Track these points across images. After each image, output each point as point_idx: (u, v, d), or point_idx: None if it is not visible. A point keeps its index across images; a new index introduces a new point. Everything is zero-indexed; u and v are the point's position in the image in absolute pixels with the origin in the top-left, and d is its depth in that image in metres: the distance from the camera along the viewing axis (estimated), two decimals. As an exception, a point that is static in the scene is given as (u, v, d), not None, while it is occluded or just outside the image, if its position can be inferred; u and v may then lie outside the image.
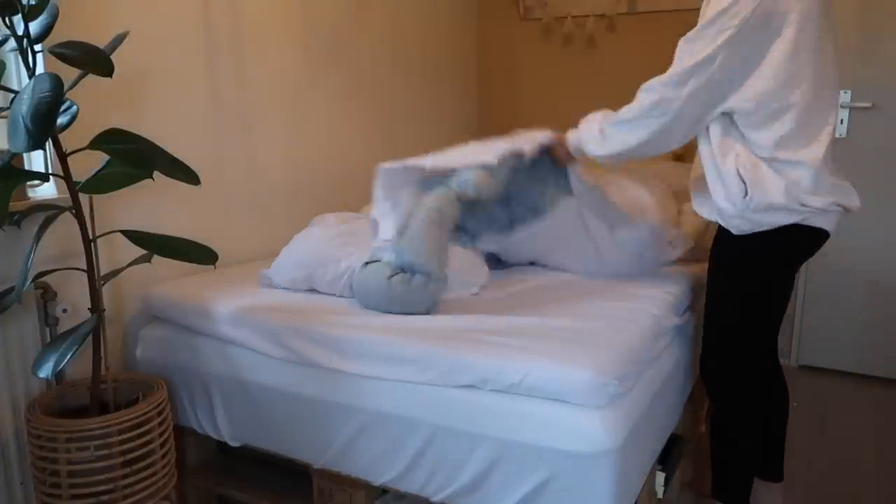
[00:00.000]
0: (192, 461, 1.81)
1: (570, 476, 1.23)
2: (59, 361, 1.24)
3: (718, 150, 1.47)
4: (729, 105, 1.43)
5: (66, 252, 1.65)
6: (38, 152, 1.60)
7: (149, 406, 1.41)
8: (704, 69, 1.39)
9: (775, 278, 1.55)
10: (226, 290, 1.74)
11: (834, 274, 2.86)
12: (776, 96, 1.39)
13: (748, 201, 1.43)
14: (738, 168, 1.44)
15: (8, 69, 1.52)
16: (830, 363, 2.93)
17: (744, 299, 1.55)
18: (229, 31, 2.05)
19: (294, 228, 2.34)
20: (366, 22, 2.64)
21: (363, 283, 1.62)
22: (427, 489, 1.40)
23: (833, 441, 2.30)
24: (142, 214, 1.84)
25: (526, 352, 1.31)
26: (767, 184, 1.42)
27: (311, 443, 1.53)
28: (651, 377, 1.46)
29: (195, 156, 1.98)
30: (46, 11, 1.29)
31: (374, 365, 1.42)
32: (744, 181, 1.43)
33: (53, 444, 1.32)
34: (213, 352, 1.64)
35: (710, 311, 1.63)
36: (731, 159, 1.45)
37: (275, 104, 2.25)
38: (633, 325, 1.47)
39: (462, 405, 1.33)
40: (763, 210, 1.44)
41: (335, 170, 2.55)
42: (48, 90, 1.11)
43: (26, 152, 1.18)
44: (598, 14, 3.14)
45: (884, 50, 2.64)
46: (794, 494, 1.97)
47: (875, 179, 2.73)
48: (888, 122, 2.68)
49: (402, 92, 2.91)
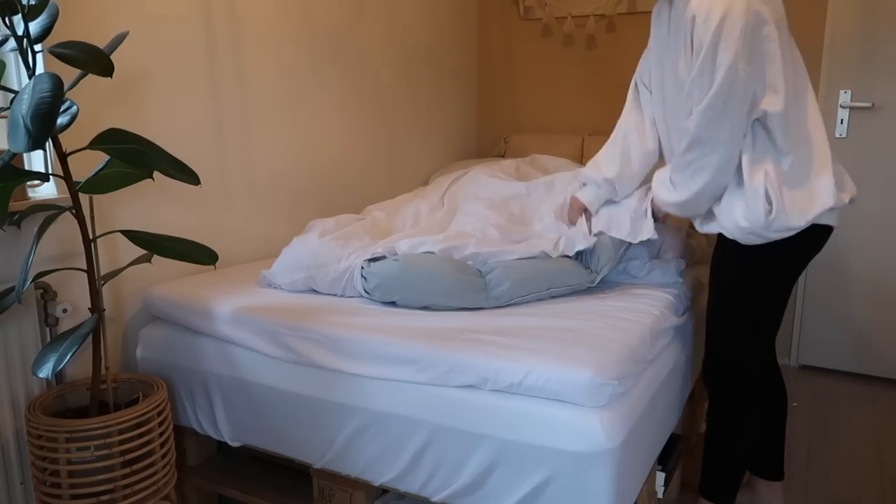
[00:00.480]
0: (192, 461, 1.81)
1: (569, 476, 1.24)
2: (59, 361, 1.24)
3: (748, 165, 1.44)
4: (761, 108, 1.41)
5: (66, 252, 1.65)
6: (38, 152, 1.60)
7: (149, 406, 1.41)
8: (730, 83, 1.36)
9: (781, 280, 1.54)
10: (226, 290, 1.74)
11: (834, 274, 2.86)
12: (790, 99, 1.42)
13: (770, 222, 1.42)
14: (768, 187, 1.42)
15: (8, 69, 1.52)
16: (830, 363, 2.93)
17: (749, 301, 1.55)
18: (229, 30, 2.05)
19: (294, 229, 2.35)
20: (366, 22, 2.64)
21: (416, 266, 1.60)
22: (427, 489, 1.40)
23: (833, 441, 2.30)
24: (142, 214, 1.84)
25: (526, 352, 1.31)
26: (792, 208, 1.42)
27: (311, 443, 1.53)
28: (651, 377, 1.46)
29: (195, 156, 1.99)
30: (46, 11, 1.29)
31: (374, 365, 1.42)
32: (770, 202, 1.41)
33: (53, 444, 1.32)
34: (213, 352, 1.64)
35: (712, 311, 1.63)
36: (761, 177, 1.43)
37: (275, 104, 2.25)
38: (633, 325, 1.47)
39: (462, 405, 1.33)
40: (781, 230, 1.44)
41: (335, 170, 2.55)
42: (48, 90, 1.11)
43: (26, 152, 1.17)
44: (598, 14, 3.14)
45: (884, 50, 2.64)
46: (794, 494, 1.97)
47: (875, 179, 2.73)
48: (888, 122, 2.68)
49: (403, 92, 2.91)
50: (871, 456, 2.20)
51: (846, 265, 2.84)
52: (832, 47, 2.72)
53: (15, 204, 1.47)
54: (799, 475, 2.08)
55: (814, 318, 2.93)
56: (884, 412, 2.53)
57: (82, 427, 1.32)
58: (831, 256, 2.85)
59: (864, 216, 2.77)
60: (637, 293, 1.72)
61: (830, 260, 2.86)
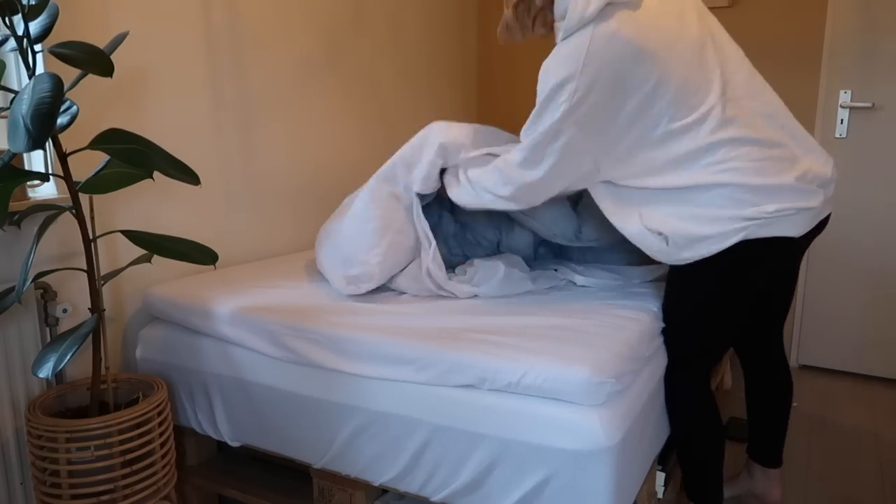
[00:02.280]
0: (192, 461, 1.81)
1: (569, 474, 1.24)
2: (59, 361, 1.24)
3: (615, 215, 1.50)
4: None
5: (66, 252, 1.66)
6: (38, 152, 1.60)
7: (149, 406, 1.41)
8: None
9: (731, 293, 1.48)
10: (226, 290, 1.74)
11: (834, 274, 2.86)
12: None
13: (672, 248, 1.42)
14: (645, 226, 1.44)
15: (8, 69, 1.53)
16: (830, 363, 2.93)
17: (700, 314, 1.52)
18: (229, 31, 2.05)
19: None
20: (366, 22, 2.64)
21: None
22: (427, 489, 1.40)
23: (833, 441, 2.30)
24: (142, 214, 1.84)
25: (523, 351, 1.31)
26: (680, 226, 1.40)
27: (310, 443, 1.53)
28: (648, 375, 1.46)
29: (195, 155, 1.99)
30: (46, 11, 1.29)
31: (373, 365, 1.42)
32: (660, 233, 1.43)
33: (53, 444, 1.33)
34: (213, 352, 1.64)
35: (666, 321, 1.60)
36: (636, 220, 1.46)
37: (275, 104, 2.25)
38: (630, 323, 1.47)
39: (461, 405, 1.33)
40: (694, 243, 1.41)
41: (335, 170, 2.55)
42: (48, 90, 1.11)
43: (26, 152, 1.18)
44: (598, 14, 3.14)
45: (884, 50, 2.65)
46: (794, 494, 1.97)
47: (875, 179, 2.73)
48: (888, 122, 2.69)
49: (403, 91, 2.92)
50: (871, 456, 2.20)
51: (846, 265, 2.84)
52: (832, 47, 2.72)
53: (15, 204, 1.47)
54: (799, 475, 2.08)
55: (814, 318, 2.93)
56: (884, 412, 2.53)
57: (82, 427, 1.32)
58: (831, 256, 2.85)
59: (864, 216, 2.77)
60: (634, 291, 1.73)
61: (831, 260, 2.86)
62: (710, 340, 1.54)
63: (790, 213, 1.39)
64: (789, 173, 1.39)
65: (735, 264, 1.43)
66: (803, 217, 1.41)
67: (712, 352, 1.55)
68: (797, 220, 1.41)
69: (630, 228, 1.48)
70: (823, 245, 2.87)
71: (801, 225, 1.42)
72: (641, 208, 1.46)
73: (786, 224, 1.40)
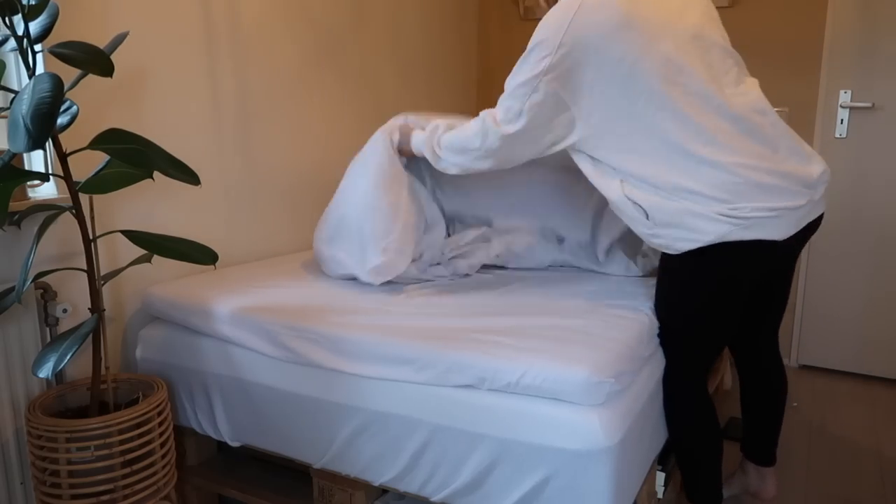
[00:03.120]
0: (192, 461, 1.81)
1: (569, 474, 1.24)
2: (59, 361, 1.24)
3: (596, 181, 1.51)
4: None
5: (66, 252, 1.66)
6: (38, 152, 1.61)
7: (149, 406, 1.41)
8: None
9: (718, 297, 1.48)
10: (226, 290, 1.74)
11: (834, 274, 2.86)
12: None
13: (651, 223, 1.42)
14: (627, 195, 1.44)
15: (8, 69, 1.53)
16: (830, 363, 2.94)
17: (689, 318, 1.52)
18: (229, 30, 2.05)
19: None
20: (366, 22, 2.64)
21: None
22: (426, 489, 1.40)
23: (833, 441, 2.30)
24: (142, 214, 1.84)
25: (523, 351, 1.31)
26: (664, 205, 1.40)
27: (310, 443, 1.53)
28: (648, 375, 1.47)
29: (195, 155, 1.99)
30: (46, 11, 1.29)
31: (373, 365, 1.42)
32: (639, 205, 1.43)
33: (53, 444, 1.33)
34: (213, 352, 1.64)
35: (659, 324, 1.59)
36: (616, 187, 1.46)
37: (275, 104, 2.25)
38: (629, 323, 1.47)
39: (460, 405, 1.33)
40: (673, 227, 1.40)
41: (335, 169, 2.55)
42: (48, 90, 1.11)
43: (26, 152, 1.18)
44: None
45: (884, 50, 2.65)
46: (794, 494, 1.97)
47: (875, 179, 2.73)
48: (888, 122, 2.69)
49: (403, 91, 2.92)
50: (871, 456, 2.20)
51: (846, 265, 2.84)
52: (832, 47, 2.72)
53: (15, 204, 1.47)
54: (799, 475, 2.08)
55: (814, 318, 2.93)
56: (884, 412, 2.53)
57: (82, 427, 1.32)
58: (831, 256, 2.85)
59: (864, 216, 2.77)
60: (633, 291, 1.73)
61: (830, 259, 2.86)
62: (701, 344, 1.54)
63: (771, 215, 1.38)
64: (768, 173, 1.38)
65: (720, 267, 1.43)
66: (786, 220, 1.40)
67: (704, 354, 1.55)
68: (779, 223, 1.40)
69: (611, 194, 1.48)
70: (823, 245, 2.87)
71: (783, 228, 1.41)
72: (623, 176, 1.46)
73: (768, 227, 1.39)
